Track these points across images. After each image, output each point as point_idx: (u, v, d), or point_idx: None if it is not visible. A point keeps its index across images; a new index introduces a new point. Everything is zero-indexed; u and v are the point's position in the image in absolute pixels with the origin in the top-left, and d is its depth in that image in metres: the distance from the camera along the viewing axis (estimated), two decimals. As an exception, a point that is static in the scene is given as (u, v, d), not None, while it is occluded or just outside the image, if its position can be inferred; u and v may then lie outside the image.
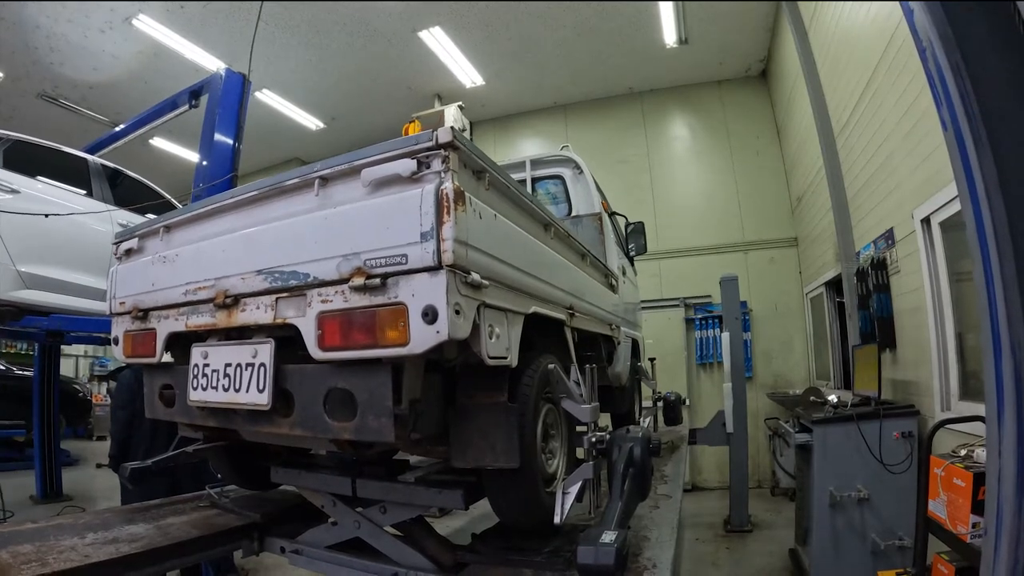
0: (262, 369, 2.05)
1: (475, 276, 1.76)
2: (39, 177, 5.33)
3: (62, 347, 9.23)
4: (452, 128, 1.72)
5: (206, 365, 2.25)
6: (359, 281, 1.75)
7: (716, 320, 10.38)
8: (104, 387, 16.37)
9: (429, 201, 1.68)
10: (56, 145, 5.76)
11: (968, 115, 1.39)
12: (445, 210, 1.66)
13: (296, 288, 1.95)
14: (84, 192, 5.76)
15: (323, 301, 1.86)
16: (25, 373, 10.81)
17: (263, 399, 2.02)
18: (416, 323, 1.67)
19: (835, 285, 8.29)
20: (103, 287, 5.31)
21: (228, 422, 2.28)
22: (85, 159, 6.07)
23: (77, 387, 13.10)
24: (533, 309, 2.29)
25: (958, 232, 4.56)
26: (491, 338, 1.90)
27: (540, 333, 2.52)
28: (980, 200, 1.40)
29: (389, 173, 1.80)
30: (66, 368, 14.30)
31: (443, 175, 1.73)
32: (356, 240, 1.81)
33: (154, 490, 3.81)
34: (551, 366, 2.37)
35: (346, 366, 1.89)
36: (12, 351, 14.88)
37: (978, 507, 3.04)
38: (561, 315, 2.73)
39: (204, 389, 2.24)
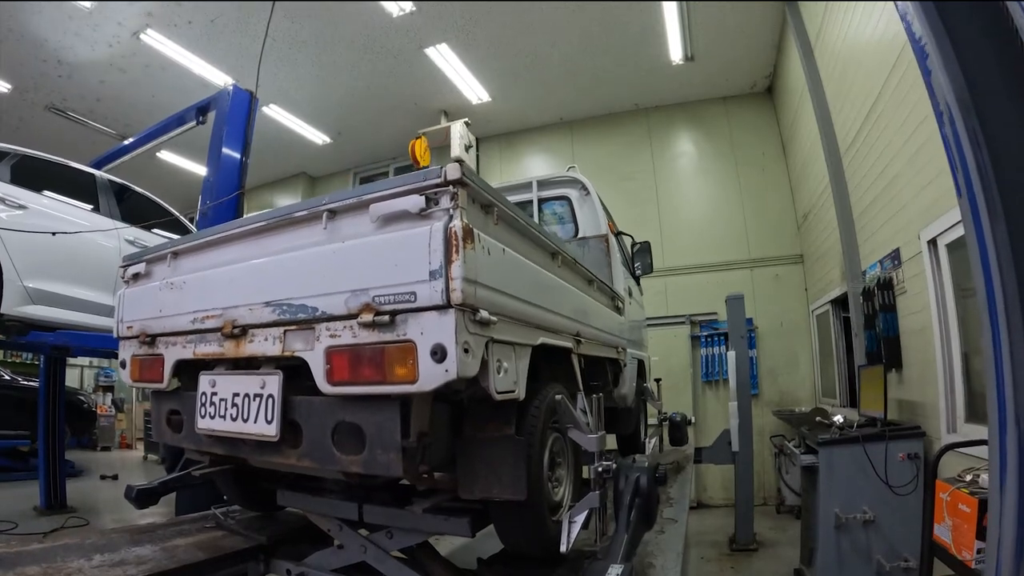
0: (270, 400, 2.05)
1: (484, 313, 1.77)
2: (46, 192, 5.35)
3: (67, 358, 9.23)
4: (461, 164, 1.73)
5: (214, 394, 2.26)
6: (368, 317, 1.76)
7: (722, 337, 10.31)
8: (108, 397, 16.40)
9: (438, 239, 1.70)
10: (63, 160, 5.78)
11: (984, 184, 1.38)
12: (454, 249, 1.67)
13: (304, 321, 1.96)
14: (91, 207, 5.77)
15: (332, 335, 1.87)
16: (30, 383, 10.83)
17: (271, 431, 2.03)
18: (425, 361, 1.68)
19: (841, 303, 8.25)
20: (109, 303, 5.36)
21: (236, 450, 2.28)
22: (92, 174, 6.08)
23: (82, 398, 13.12)
24: (541, 340, 2.29)
25: (965, 253, 4.54)
26: (499, 373, 1.90)
27: (546, 361, 2.52)
28: (992, 270, 1.38)
29: (397, 209, 1.81)
30: (71, 379, 14.33)
31: (452, 212, 1.74)
32: (364, 276, 1.82)
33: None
34: (558, 397, 2.37)
35: (354, 400, 1.90)
36: (17, 360, 14.90)
37: (983, 533, 3.02)
38: (568, 343, 2.73)
39: (212, 417, 2.25)
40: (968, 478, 3.46)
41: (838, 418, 5.83)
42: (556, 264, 2.67)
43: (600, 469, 2.44)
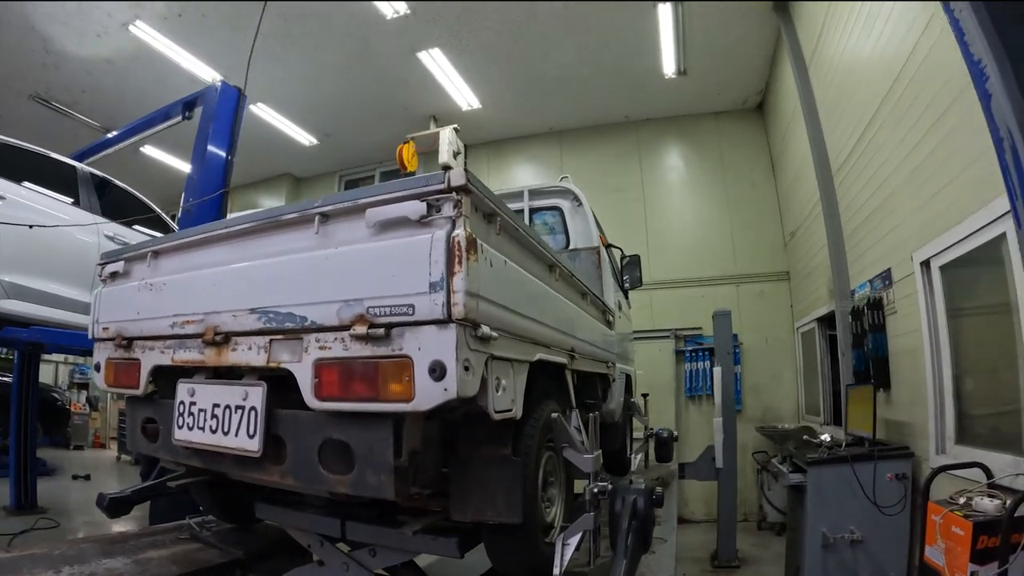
0: (253, 413, 1.94)
1: (485, 329, 1.67)
2: (25, 183, 5.18)
3: (42, 354, 9.00)
4: (466, 171, 1.64)
5: (192, 403, 2.14)
6: (361, 330, 1.66)
7: (706, 352, 10.31)
8: (83, 395, 16.07)
9: (439, 249, 1.60)
10: (44, 151, 5.62)
11: (1045, 216, 1.30)
12: (457, 260, 1.57)
13: (292, 331, 1.85)
14: (71, 201, 5.61)
15: (321, 347, 1.76)
16: (3, 379, 10.55)
17: (253, 445, 1.92)
18: (422, 378, 1.58)
19: (827, 321, 8.24)
20: (86, 300, 5.20)
21: (215, 463, 2.16)
22: (74, 167, 5.92)
23: (56, 395, 12.82)
24: (539, 356, 2.21)
25: (959, 275, 4.54)
26: (497, 391, 1.81)
27: (540, 377, 2.44)
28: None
29: (396, 215, 1.71)
30: (45, 374, 14.00)
31: (455, 220, 1.64)
32: (358, 285, 1.71)
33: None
34: (555, 416, 2.29)
35: (344, 416, 1.79)
36: (-9, 354, 14.55)
37: (977, 556, 3.06)
38: (563, 358, 2.65)
39: (190, 429, 2.13)
40: (962, 501, 3.48)
41: (825, 437, 5.80)
42: (553, 277, 2.59)
43: (596, 490, 2.36)
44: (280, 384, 1.98)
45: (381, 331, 1.64)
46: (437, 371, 1.56)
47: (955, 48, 4.00)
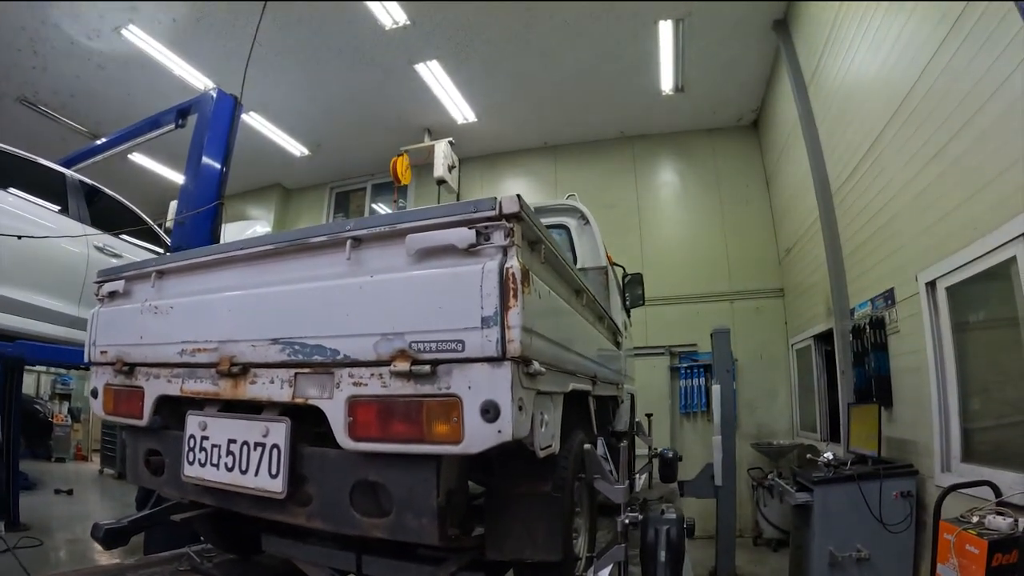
0: (275, 451, 1.81)
1: (536, 365, 1.56)
2: (11, 189, 5.00)
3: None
4: (518, 197, 1.53)
5: (204, 438, 2.00)
6: (403, 366, 1.53)
7: (701, 369, 10.25)
8: (65, 406, 15.69)
9: (492, 281, 1.48)
10: (32, 156, 5.43)
11: None
12: (512, 293, 1.46)
13: (321, 365, 1.72)
14: (59, 209, 5.43)
15: (355, 383, 1.64)
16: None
17: (277, 486, 1.78)
18: (472, 419, 1.47)
19: (824, 338, 8.22)
20: (74, 313, 5.03)
21: (229, 503, 2.02)
22: (63, 174, 5.74)
23: (38, 407, 12.45)
24: (572, 387, 2.11)
25: (966, 296, 4.53)
26: (542, 428, 1.70)
27: (567, 406, 2.34)
28: None
29: (441, 243, 1.59)
30: (27, 384, 13.62)
31: (507, 250, 1.53)
32: (399, 317, 1.59)
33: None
34: (587, 447, 2.19)
35: (379, 456, 1.66)
36: (-31, 363, 14.15)
37: (992, 574, 3.14)
38: (588, 386, 2.55)
39: (202, 465, 1.99)
40: (974, 519, 3.53)
41: (828, 455, 5.76)
42: (581, 302, 2.49)
43: (627, 521, 2.26)
44: (298, 418, 1.85)
45: (426, 368, 1.52)
46: (490, 412, 1.45)
47: (966, 75, 4.06)
